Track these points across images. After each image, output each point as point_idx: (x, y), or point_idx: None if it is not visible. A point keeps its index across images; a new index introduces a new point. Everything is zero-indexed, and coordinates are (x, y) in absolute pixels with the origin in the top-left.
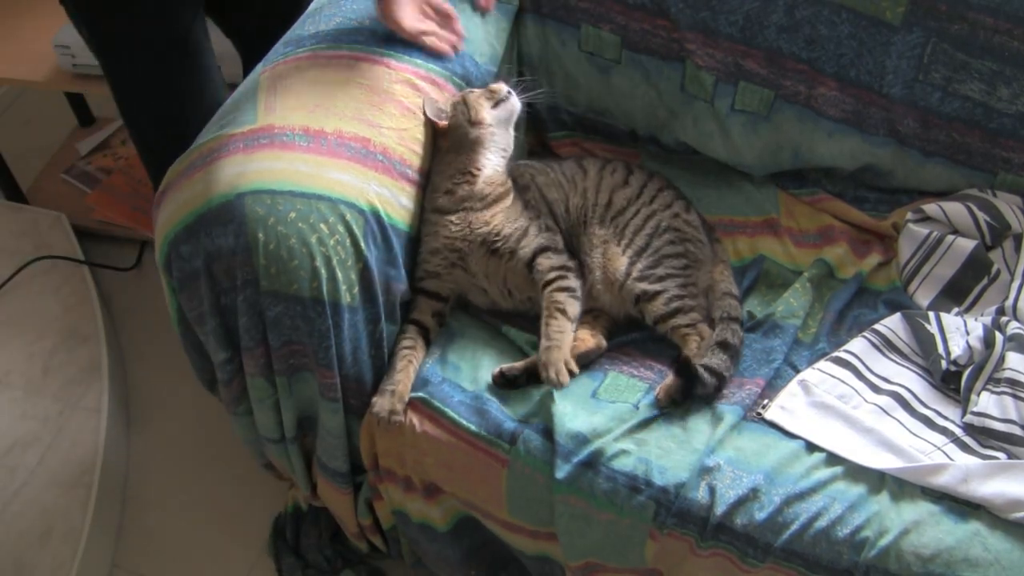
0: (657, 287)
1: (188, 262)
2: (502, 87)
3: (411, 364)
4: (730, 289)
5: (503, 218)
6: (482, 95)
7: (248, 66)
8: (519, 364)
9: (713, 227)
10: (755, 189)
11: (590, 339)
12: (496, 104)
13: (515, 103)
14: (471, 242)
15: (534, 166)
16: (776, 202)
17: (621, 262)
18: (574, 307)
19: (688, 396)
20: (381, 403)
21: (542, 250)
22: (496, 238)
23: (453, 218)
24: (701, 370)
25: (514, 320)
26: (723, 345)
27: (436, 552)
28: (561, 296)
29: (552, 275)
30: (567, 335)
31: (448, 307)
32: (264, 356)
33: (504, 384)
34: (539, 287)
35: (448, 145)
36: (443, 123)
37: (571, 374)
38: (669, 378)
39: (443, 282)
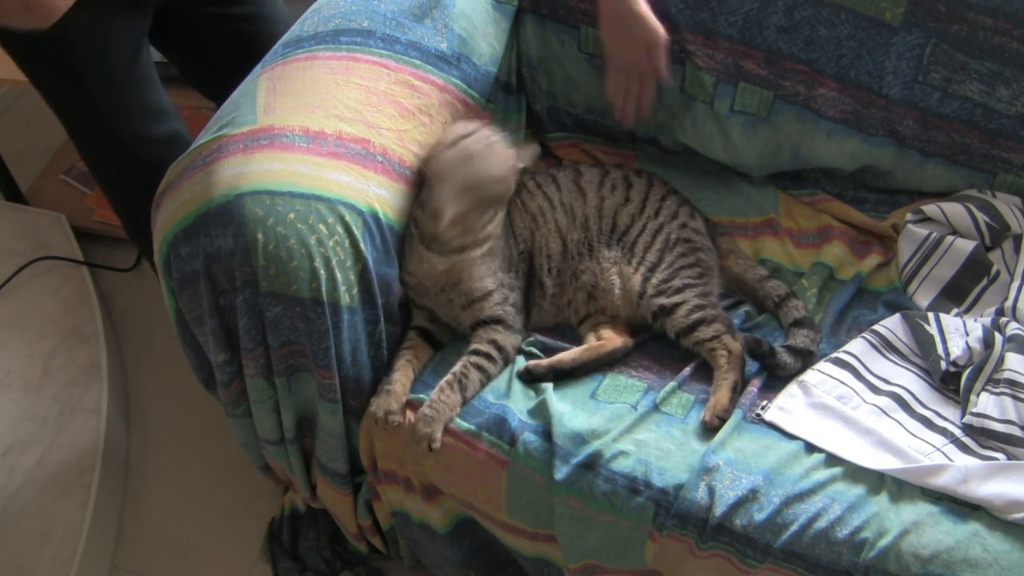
0: (676, 299)
1: (187, 263)
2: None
3: (410, 364)
4: (761, 272)
5: (466, 272)
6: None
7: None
8: (544, 362)
9: (715, 223)
10: (754, 190)
11: (616, 338)
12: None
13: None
14: (425, 279)
15: (535, 197)
16: (775, 202)
17: (635, 280)
18: (492, 368)
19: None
20: (378, 403)
21: (495, 321)
22: (453, 290)
23: (421, 248)
24: (783, 354)
25: None
26: (799, 323)
27: (436, 553)
28: (481, 358)
29: (488, 348)
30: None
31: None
32: (264, 357)
33: (531, 380)
34: (472, 338)
35: None
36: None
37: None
38: (715, 396)
39: (417, 294)
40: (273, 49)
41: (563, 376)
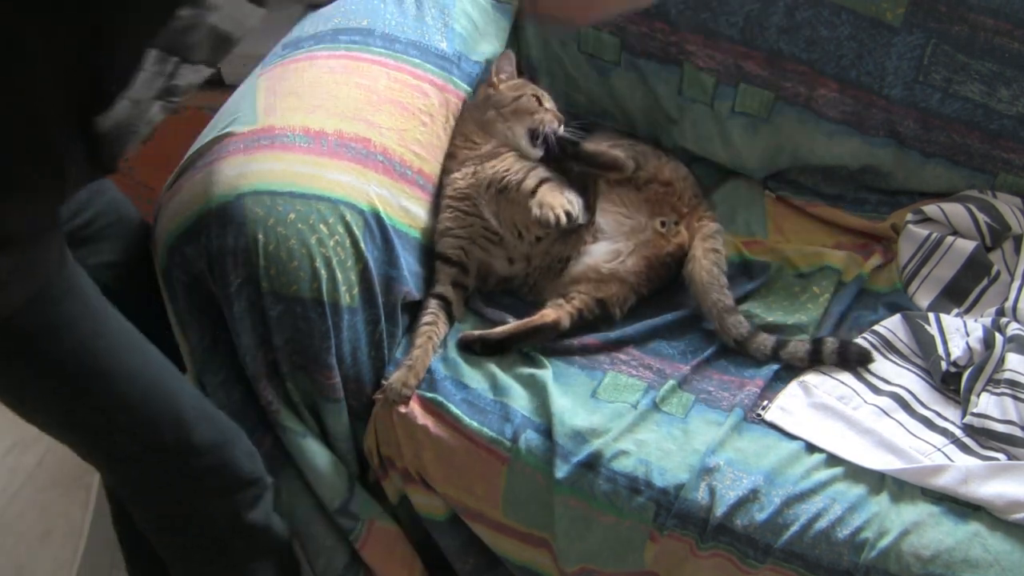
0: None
1: (189, 264)
2: (545, 126)
3: (430, 341)
4: (726, 302)
5: (510, 161)
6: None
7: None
8: (475, 333)
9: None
10: (742, 208)
11: (551, 313)
12: (534, 136)
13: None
14: (479, 186)
15: None
16: (763, 222)
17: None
18: (574, 207)
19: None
20: (396, 376)
21: (546, 181)
22: (504, 173)
23: (458, 175)
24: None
25: (518, 315)
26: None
27: (437, 541)
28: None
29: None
30: (560, 191)
31: (470, 279)
32: (264, 363)
33: (463, 349)
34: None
35: (470, 112)
36: (491, 84)
37: (568, 216)
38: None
39: (456, 239)
40: (272, 50)
41: (494, 348)
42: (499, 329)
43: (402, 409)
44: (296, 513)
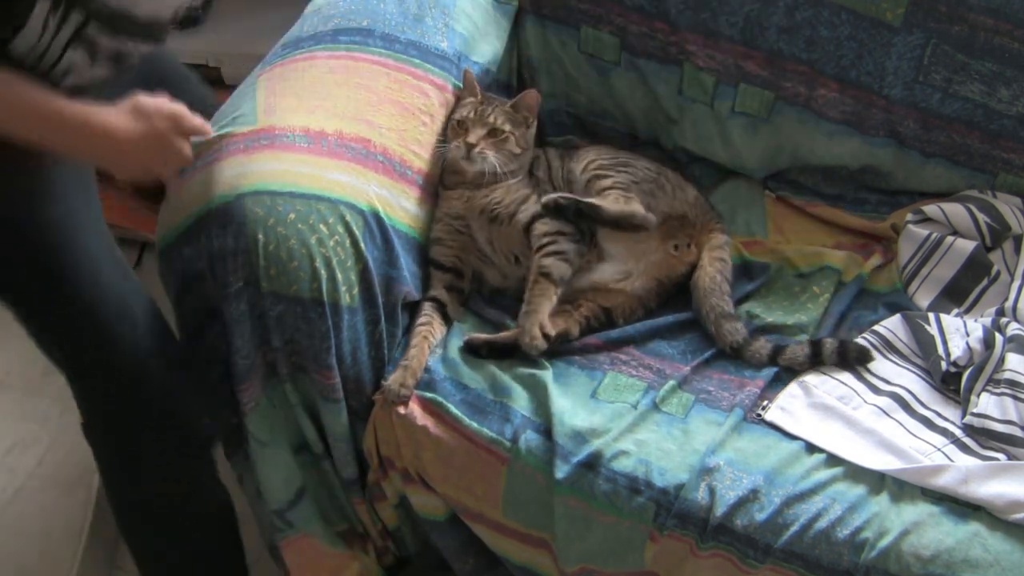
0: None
1: (189, 264)
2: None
3: (426, 341)
4: (724, 308)
5: (503, 192)
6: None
7: None
8: (482, 337)
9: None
10: (743, 208)
11: (560, 323)
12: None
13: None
14: (472, 210)
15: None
16: (763, 222)
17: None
18: (561, 269)
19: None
20: (394, 377)
21: (540, 216)
22: (496, 206)
23: (453, 193)
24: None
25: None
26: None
27: (437, 540)
28: (548, 260)
29: (545, 240)
30: (547, 299)
31: (465, 283)
32: (263, 365)
33: (469, 351)
34: (532, 252)
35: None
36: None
37: (547, 338)
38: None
39: (449, 249)
40: (272, 50)
41: (502, 353)
42: (507, 334)
43: (402, 410)
44: (248, 492)
